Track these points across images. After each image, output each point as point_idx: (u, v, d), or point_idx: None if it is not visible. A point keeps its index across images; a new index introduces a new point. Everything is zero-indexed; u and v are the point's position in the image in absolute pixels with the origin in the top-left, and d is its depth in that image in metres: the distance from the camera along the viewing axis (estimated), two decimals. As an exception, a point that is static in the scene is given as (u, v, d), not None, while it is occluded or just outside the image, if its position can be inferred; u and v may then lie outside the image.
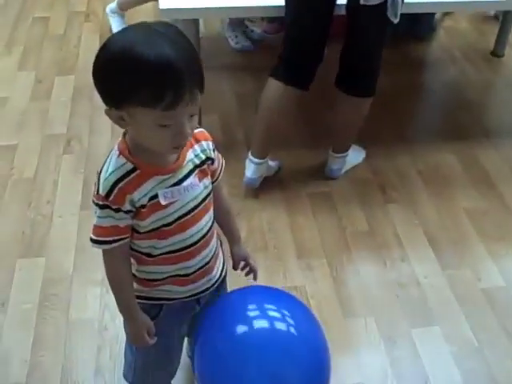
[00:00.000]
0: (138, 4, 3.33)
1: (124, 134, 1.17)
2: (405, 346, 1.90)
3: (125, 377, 1.53)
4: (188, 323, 1.44)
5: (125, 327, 1.36)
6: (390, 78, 2.27)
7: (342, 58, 2.20)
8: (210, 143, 1.27)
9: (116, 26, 3.26)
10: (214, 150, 1.27)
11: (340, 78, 2.24)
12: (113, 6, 3.31)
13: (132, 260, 1.27)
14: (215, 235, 1.35)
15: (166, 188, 1.16)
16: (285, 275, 2.11)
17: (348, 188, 2.48)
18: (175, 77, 1.01)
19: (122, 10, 3.31)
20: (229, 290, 1.50)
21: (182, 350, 1.53)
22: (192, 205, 1.21)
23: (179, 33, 1.09)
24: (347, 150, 2.46)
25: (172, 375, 1.55)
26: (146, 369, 1.46)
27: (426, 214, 2.38)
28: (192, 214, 1.22)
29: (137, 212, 1.17)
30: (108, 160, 1.16)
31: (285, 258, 2.17)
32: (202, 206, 1.24)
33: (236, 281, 1.53)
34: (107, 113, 1.11)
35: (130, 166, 1.14)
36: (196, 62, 1.08)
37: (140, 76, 1.02)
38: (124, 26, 3.31)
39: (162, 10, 2.16)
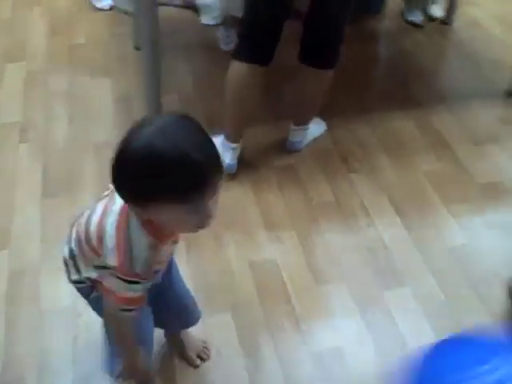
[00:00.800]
0: None
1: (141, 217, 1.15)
2: (378, 309, 1.94)
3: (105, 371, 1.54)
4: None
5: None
6: (346, 51, 2.28)
7: (306, 30, 2.21)
8: None
9: None
10: None
11: (303, 50, 2.25)
12: None
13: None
14: None
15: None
16: (255, 249, 2.12)
17: (311, 160, 2.50)
18: (199, 175, 1.04)
19: None
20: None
21: (151, 329, 1.53)
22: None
23: (185, 117, 1.12)
24: (308, 123, 2.48)
25: (150, 352, 1.55)
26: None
27: (389, 180, 2.42)
28: None
29: None
30: (131, 234, 1.15)
31: (254, 233, 2.18)
32: None
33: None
34: (130, 208, 1.13)
35: (152, 239, 1.16)
36: (212, 148, 1.09)
37: (163, 180, 1.03)
38: None
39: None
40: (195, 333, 1.78)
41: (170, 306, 1.59)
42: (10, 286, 1.96)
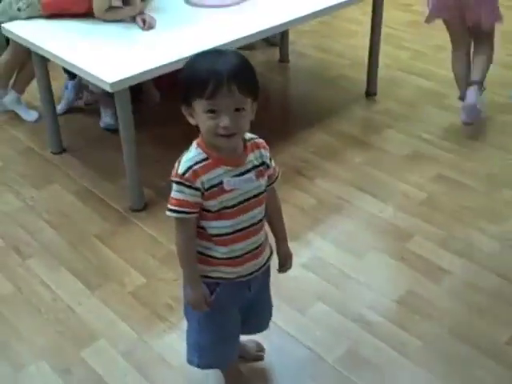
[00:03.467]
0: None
1: (201, 135, 1.48)
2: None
3: (190, 362, 1.77)
4: (240, 305, 1.70)
5: (186, 297, 1.61)
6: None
7: None
8: (267, 153, 1.61)
9: (24, 113, 3.43)
10: (270, 159, 1.61)
11: None
12: (10, 97, 3.41)
13: (198, 239, 1.55)
14: (264, 229, 1.65)
15: (230, 177, 1.48)
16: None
17: None
18: (216, 75, 1.36)
19: (18, 92, 3.42)
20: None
21: (239, 329, 1.76)
22: (248, 195, 1.54)
23: (235, 52, 1.48)
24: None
25: (234, 355, 1.81)
26: (211, 348, 1.70)
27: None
28: (248, 202, 1.54)
29: (205, 193, 1.46)
30: (189, 150, 1.49)
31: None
32: (257, 199, 1.56)
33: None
34: (184, 111, 1.47)
35: (203, 155, 1.47)
36: (240, 69, 1.41)
37: (195, 79, 1.40)
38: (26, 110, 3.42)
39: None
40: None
41: (258, 317, 1.84)
42: None
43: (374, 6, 3.45)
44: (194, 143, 1.51)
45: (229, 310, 1.68)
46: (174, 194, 1.48)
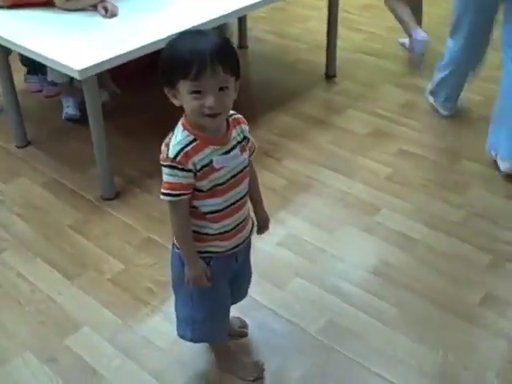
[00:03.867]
0: None
1: (185, 115, 1.52)
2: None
3: (182, 336, 1.82)
4: (228, 277, 1.77)
5: (187, 274, 1.65)
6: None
7: None
8: (247, 127, 1.66)
9: None
10: (248, 132, 1.66)
11: None
12: None
13: (191, 219, 1.59)
14: (247, 203, 1.72)
15: (218, 156, 1.53)
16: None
17: None
18: (199, 55, 1.38)
19: None
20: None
21: (229, 302, 1.83)
22: (236, 171, 1.59)
23: (216, 33, 1.50)
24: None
25: (226, 327, 1.88)
26: (204, 321, 1.75)
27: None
28: (236, 178, 1.60)
29: (197, 174, 1.50)
30: (175, 133, 1.51)
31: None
32: (242, 173, 1.62)
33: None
34: (167, 93, 1.48)
35: (191, 137, 1.50)
36: (222, 49, 1.44)
37: (178, 60, 1.41)
38: None
39: None
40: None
41: (240, 287, 1.90)
42: None
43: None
44: (180, 125, 1.53)
45: (220, 282, 1.72)
46: (167, 178, 1.51)
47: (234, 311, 1.95)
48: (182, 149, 1.48)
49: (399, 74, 3.76)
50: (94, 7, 2.82)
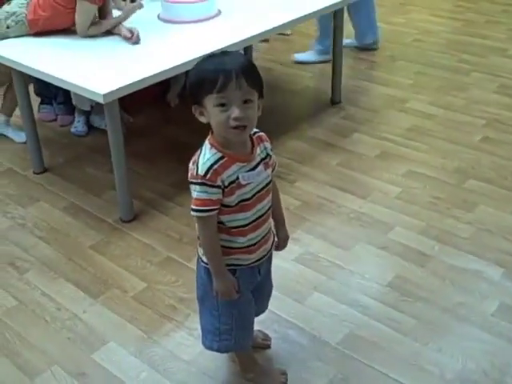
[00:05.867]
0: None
1: (212, 133, 1.61)
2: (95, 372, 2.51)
3: (209, 348, 1.87)
4: (252, 288, 1.83)
5: (216, 287, 1.70)
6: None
7: None
8: (269, 144, 1.75)
9: (14, 135, 3.49)
10: (271, 150, 1.75)
11: None
12: None
13: (219, 233, 1.66)
14: (270, 217, 1.80)
15: (244, 172, 1.61)
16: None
17: None
18: (224, 70, 1.49)
19: (6, 115, 3.50)
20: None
21: (254, 312, 1.88)
22: (261, 186, 1.68)
23: (239, 53, 1.64)
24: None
25: (251, 337, 1.93)
26: (231, 331, 1.81)
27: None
28: (261, 193, 1.68)
29: (225, 190, 1.58)
30: (203, 151, 1.59)
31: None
32: (267, 188, 1.71)
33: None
34: (194, 112, 1.57)
35: (219, 154, 1.57)
36: (246, 65, 1.55)
37: (204, 76, 1.52)
38: (16, 131, 3.48)
39: None
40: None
41: (262, 298, 1.95)
42: None
43: (334, 21, 3.66)
44: (207, 144, 1.60)
45: (245, 293, 1.78)
46: (197, 195, 1.58)
47: (257, 325, 2.00)
48: (211, 166, 1.55)
49: (401, 99, 3.87)
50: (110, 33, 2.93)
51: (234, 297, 1.72)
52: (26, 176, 3.19)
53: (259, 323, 2.06)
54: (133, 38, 2.85)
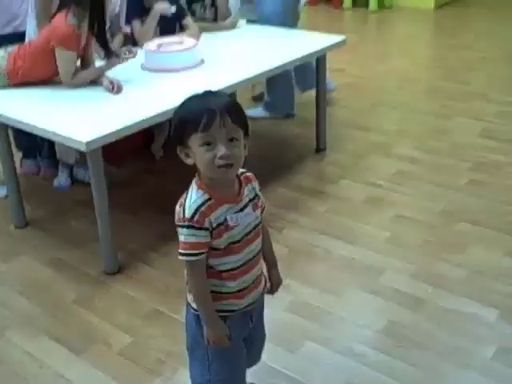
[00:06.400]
0: None
1: (198, 174, 1.57)
2: None
3: None
4: (244, 336, 1.75)
5: (207, 334, 1.63)
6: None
7: None
8: (257, 184, 1.71)
9: None
10: (259, 190, 1.71)
11: None
12: None
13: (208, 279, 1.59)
14: (261, 259, 1.75)
15: (233, 214, 1.56)
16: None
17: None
18: (208, 109, 1.46)
19: None
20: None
21: (245, 362, 1.79)
22: (249, 228, 1.63)
23: (223, 92, 1.64)
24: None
25: None
26: (222, 382, 1.72)
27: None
28: (250, 235, 1.63)
29: (213, 232, 1.53)
30: (189, 193, 1.55)
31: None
32: (256, 230, 1.66)
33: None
34: (179, 153, 1.54)
35: (206, 196, 1.53)
36: (231, 104, 1.53)
37: (188, 115, 1.50)
38: None
39: None
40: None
41: (255, 348, 1.87)
42: None
43: (317, 68, 3.70)
44: (194, 185, 1.56)
45: (236, 342, 1.71)
46: (184, 239, 1.53)
47: (249, 377, 1.91)
48: (198, 208, 1.51)
49: (386, 144, 3.87)
50: (93, 82, 2.91)
51: (226, 344, 1.64)
52: (8, 231, 3.11)
53: (252, 375, 1.97)
54: (113, 90, 2.85)
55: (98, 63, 3.04)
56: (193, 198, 1.53)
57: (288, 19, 4.02)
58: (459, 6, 7.24)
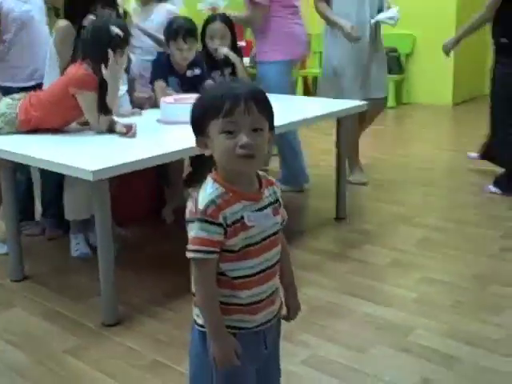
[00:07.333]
0: None
1: (215, 168, 1.40)
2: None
3: None
4: (257, 364, 1.49)
5: (213, 352, 1.38)
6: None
7: None
8: (279, 190, 1.52)
9: None
10: (280, 196, 1.52)
11: None
12: None
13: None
14: (278, 272, 1.52)
15: (250, 212, 1.38)
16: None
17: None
18: (232, 93, 1.33)
19: None
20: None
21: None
22: (268, 233, 1.43)
23: (249, 80, 1.50)
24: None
25: None
26: None
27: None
28: (269, 240, 1.43)
29: (228, 230, 1.35)
30: (204, 185, 1.38)
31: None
32: (275, 237, 1.46)
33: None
34: (197, 144, 1.40)
35: (222, 189, 1.36)
36: (257, 91, 1.38)
37: (210, 101, 1.36)
38: None
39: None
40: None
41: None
42: None
43: (337, 134, 3.62)
44: (210, 179, 1.39)
45: (246, 369, 1.44)
46: (196, 234, 1.34)
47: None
48: (212, 200, 1.34)
49: (409, 216, 3.67)
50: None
51: (234, 363, 1.38)
52: (2, 284, 2.89)
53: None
54: (129, 133, 2.73)
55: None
56: (207, 190, 1.36)
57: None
58: (477, 103, 7.25)
